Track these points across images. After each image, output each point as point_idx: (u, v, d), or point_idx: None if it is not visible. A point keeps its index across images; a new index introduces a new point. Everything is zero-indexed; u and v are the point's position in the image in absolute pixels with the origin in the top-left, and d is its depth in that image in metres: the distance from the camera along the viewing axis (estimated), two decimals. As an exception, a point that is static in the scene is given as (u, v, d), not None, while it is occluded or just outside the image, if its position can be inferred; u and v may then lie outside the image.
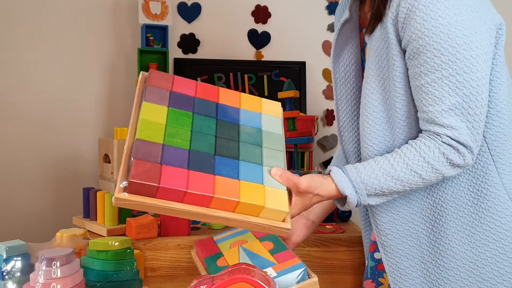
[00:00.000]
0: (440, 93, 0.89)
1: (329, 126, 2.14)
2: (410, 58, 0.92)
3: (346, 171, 0.95)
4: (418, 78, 0.91)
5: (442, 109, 0.89)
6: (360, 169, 0.95)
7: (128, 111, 1.98)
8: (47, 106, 1.93)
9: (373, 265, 1.19)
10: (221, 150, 0.90)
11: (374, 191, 0.94)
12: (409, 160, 0.93)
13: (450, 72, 0.87)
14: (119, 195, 0.78)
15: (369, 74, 1.02)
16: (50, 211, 1.94)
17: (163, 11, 1.90)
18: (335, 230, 1.42)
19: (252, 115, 1.00)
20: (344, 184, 0.94)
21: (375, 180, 0.94)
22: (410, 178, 0.93)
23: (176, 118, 0.91)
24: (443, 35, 0.87)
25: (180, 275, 1.31)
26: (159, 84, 0.95)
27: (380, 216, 1.03)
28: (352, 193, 0.94)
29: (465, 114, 0.89)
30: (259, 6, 2.08)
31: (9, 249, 0.95)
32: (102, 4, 1.97)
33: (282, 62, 2.07)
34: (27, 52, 1.91)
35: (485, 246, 0.94)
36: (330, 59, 1.15)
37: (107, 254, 0.97)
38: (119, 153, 1.54)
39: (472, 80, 0.88)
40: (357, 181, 0.94)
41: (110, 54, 1.99)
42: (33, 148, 1.92)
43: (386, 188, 0.94)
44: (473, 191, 0.95)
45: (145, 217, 1.36)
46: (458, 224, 0.96)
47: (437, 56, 0.88)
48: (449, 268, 0.96)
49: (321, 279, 1.35)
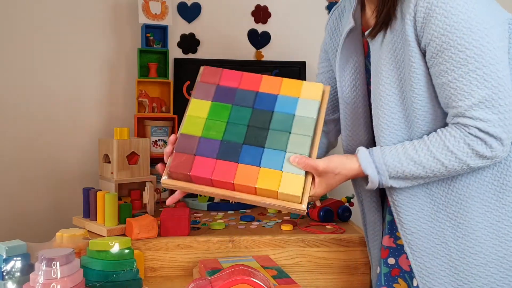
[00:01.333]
0: (468, 87, 0.90)
1: (329, 126, 2.14)
2: (434, 56, 0.93)
3: (372, 151, 1.00)
4: (444, 75, 0.92)
5: (473, 103, 0.90)
6: (385, 151, 0.99)
7: (128, 111, 1.98)
8: (47, 106, 1.93)
9: (387, 271, 1.17)
10: (249, 139, 1.01)
11: (396, 173, 0.98)
12: (433, 147, 0.95)
13: (476, 65, 0.89)
14: (164, 179, 1.01)
15: (383, 77, 1.02)
16: (50, 211, 1.94)
17: (163, 11, 1.90)
18: (335, 230, 1.42)
19: (289, 101, 1.06)
20: (367, 164, 0.99)
21: (398, 163, 0.97)
22: (433, 165, 0.95)
23: (216, 111, 1.04)
24: (466, 30, 0.88)
25: (180, 275, 1.31)
26: (209, 80, 1.09)
27: (405, 215, 1.04)
28: (373, 173, 0.99)
29: (496, 106, 0.89)
30: (259, 6, 2.08)
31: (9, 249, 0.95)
32: (102, 4, 1.97)
33: (282, 62, 2.07)
34: (27, 52, 1.91)
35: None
36: (336, 68, 1.16)
37: (107, 254, 0.97)
38: (119, 153, 1.54)
39: (498, 71, 0.89)
40: (380, 162, 0.98)
41: (110, 54, 1.99)
42: (33, 148, 1.92)
43: (408, 172, 0.97)
44: (497, 185, 0.96)
45: (145, 217, 1.36)
46: (484, 219, 0.96)
47: (462, 51, 0.89)
48: (478, 264, 0.96)
49: (321, 279, 1.36)
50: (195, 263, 1.32)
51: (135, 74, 1.97)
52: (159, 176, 1.82)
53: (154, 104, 1.88)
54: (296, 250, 1.35)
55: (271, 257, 1.31)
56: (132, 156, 1.58)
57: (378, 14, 1.01)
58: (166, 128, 1.89)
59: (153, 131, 1.86)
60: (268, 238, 1.35)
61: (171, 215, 1.36)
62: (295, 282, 1.07)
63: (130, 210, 1.41)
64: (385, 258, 1.16)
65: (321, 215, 1.51)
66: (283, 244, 1.35)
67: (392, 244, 1.16)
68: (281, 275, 1.12)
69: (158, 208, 1.64)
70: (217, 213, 1.66)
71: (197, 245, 1.33)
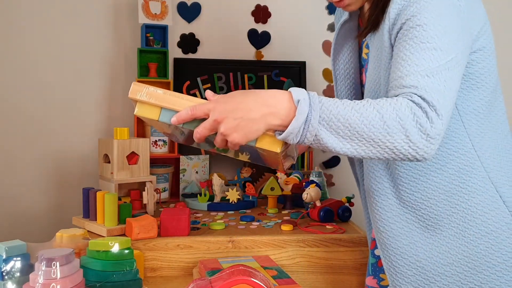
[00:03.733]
0: (419, 60, 0.87)
1: (329, 126, 2.14)
2: (399, 38, 0.92)
3: (308, 91, 0.88)
4: (401, 50, 0.90)
5: (416, 71, 0.86)
6: (323, 97, 0.88)
7: (128, 111, 1.98)
8: (47, 106, 1.93)
9: (374, 262, 1.22)
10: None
11: (328, 118, 0.84)
12: (377, 104, 0.85)
13: (434, 45, 0.88)
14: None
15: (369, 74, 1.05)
16: (50, 211, 1.94)
17: (163, 11, 1.90)
18: (335, 230, 1.42)
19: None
20: (299, 93, 0.86)
21: (334, 105, 0.85)
22: (371, 116, 0.83)
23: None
24: (436, 13, 0.89)
25: (180, 276, 1.31)
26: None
27: (375, 213, 1.06)
28: (305, 104, 0.84)
29: (441, 80, 0.86)
30: (259, 6, 2.08)
31: (9, 249, 0.95)
32: (102, 4, 1.97)
33: (282, 62, 2.07)
34: (27, 52, 1.91)
35: (478, 239, 0.96)
36: (331, 57, 1.20)
37: (107, 254, 0.97)
38: (119, 153, 1.54)
39: (454, 53, 0.88)
40: (315, 99, 0.85)
41: (110, 54, 1.99)
42: (33, 148, 1.92)
43: (343, 118, 0.83)
44: (464, 187, 0.97)
45: (145, 217, 1.36)
46: (452, 220, 0.98)
47: (426, 31, 0.88)
48: (445, 263, 0.98)
49: (321, 279, 1.35)
50: (195, 263, 1.32)
51: (135, 74, 1.97)
52: (159, 176, 1.82)
53: (154, 104, 1.88)
54: (296, 250, 1.35)
55: (271, 257, 1.31)
56: (132, 156, 1.58)
57: (369, 16, 1.03)
58: (166, 128, 1.89)
59: (153, 131, 1.86)
60: (268, 238, 1.35)
61: (171, 215, 1.36)
62: (295, 282, 1.07)
63: (130, 210, 1.41)
64: (373, 249, 1.22)
65: (321, 215, 1.51)
66: (283, 244, 1.35)
67: (376, 285, 1.21)
68: (281, 275, 1.12)
69: (158, 208, 1.64)
70: (217, 213, 1.66)
71: (197, 245, 1.33)
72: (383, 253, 1.07)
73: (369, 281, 1.23)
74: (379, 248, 1.08)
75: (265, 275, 1.01)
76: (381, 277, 1.21)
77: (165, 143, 1.88)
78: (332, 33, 2.12)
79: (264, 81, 2.05)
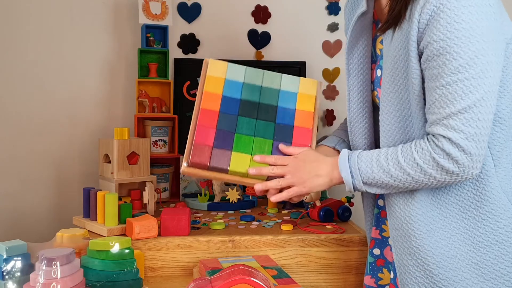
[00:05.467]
0: (453, 96, 0.90)
1: (329, 126, 2.14)
2: (429, 60, 0.93)
3: (351, 155, 1.04)
4: (434, 80, 0.92)
5: (451, 112, 0.90)
6: (362, 156, 1.02)
7: (128, 111, 1.98)
8: (47, 105, 1.93)
9: (372, 261, 1.22)
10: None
11: (368, 180, 1.02)
12: (402, 158, 0.97)
13: (466, 75, 0.89)
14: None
15: (386, 74, 1.04)
16: (50, 211, 1.94)
17: (163, 11, 1.90)
18: (335, 230, 1.42)
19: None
20: (343, 167, 1.04)
21: (369, 170, 1.01)
22: (400, 176, 0.98)
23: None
24: (465, 39, 0.88)
25: (180, 275, 1.32)
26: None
27: (390, 211, 1.07)
28: (347, 176, 1.04)
29: (474, 119, 0.90)
30: (259, 6, 2.08)
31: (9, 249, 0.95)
32: (102, 4, 1.97)
33: (282, 62, 2.07)
34: (26, 52, 1.91)
35: (487, 247, 0.96)
36: (345, 50, 1.17)
37: (107, 254, 0.97)
38: (119, 153, 1.54)
39: (485, 85, 0.89)
40: (355, 166, 1.02)
41: (110, 54, 1.99)
42: (33, 148, 1.92)
43: (379, 179, 1.01)
44: (476, 194, 0.97)
45: (145, 217, 1.36)
46: (462, 225, 0.98)
47: (456, 59, 0.89)
48: (453, 268, 0.97)
49: (321, 279, 1.36)
50: (195, 263, 1.32)
51: (135, 74, 1.97)
52: (160, 176, 1.82)
53: (154, 104, 1.88)
54: (296, 250, 1.35)
55: (271, 257, 1.31)
56: (132, 156, 1.59)
57: (390, 10, 1.01)
58: (166, 128, 1.89)
59: (153, 131, 1.86)
60: (268, 238, 1.35)
61: (172, 215, 1.36)
62: (295, 282, 1.07)
63: (130, 210, 1.41)
64: (372, 249, 1.22)
65: (321, 215, 1.51)
66: (283, 244, 1.35)
67: (378, 236, 1.21)
68: (281, 275, 1.12)
69: (158, 208, 1.65)
70: (217, 213, 1.66)
71: (197, 245, 1.33)
72: (395, 250, 1.07)
73: (367, 280, 1.24)
74: (393, 247, 1.08)
75: (265, 274, 1.01)
76: (379, 276, 1.21)
77: (165, 143, 1.88)
78: (332, 33, 2.12)
79: (264, 81, 2.05)
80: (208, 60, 1.24)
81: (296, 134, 1.18)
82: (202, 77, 1.21)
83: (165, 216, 1.36)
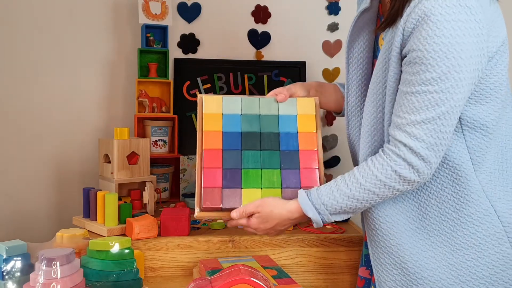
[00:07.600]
0: (420, 105, 0.92)
1: (329, 126, 2.14)
2: (406, 64, 0.94)
3: (310, 194, 1.06)
4: (406, 85, 0.94)
5: (416, 120, 0.93)
6: (321, 191, 1.04)
7: (128, 111, 1.98)
8: (47, 106, 1.93)
9: (367, 253, 1.21)
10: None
11: (335, 210, 1.03)
12: (362, 178, 0.99)
13: (436, 88, 0.91)
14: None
15: (374, 72, 1.05)
16: (50, 211, 1.94)
17: (163, 11, 1.90)
18: (335, 230, 1.42)
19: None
20: (307, 207, 1.05)
21: (334, 201, 1.02)
22: (365, 196, 1.00)
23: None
24: (441, 53, 0.89)
25: (180, 275, 1.32)
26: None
27: (367, 211, 1.08)
28: (314, 214, 1.04)
29: (436, 131, 0.92)
30: (259, 6, 2.08)
31: (9, 249, 0.95)
32: (102, 4, 1.97)
33: (282, 62, 2.07)
34: (27, 52, 1.91)
35: (465, 249, 0.97)
36: (345, 44, 1.17)
37: (107, 254, 0.97)
38: (119, 153, 1.54)
39: (452, 100, 0.91)
40: (318, 203, 1.04)
41: (110, 54, 1.99)
42: (33, 148, 1.92)
43: (345, 206, 1.02)
44: (456, 197, 0.98)
45: (145, 217, 1.36)
46: (441, 227, 0.99)
47: (430, 72, 0.90)
48: (429, 268, 0.99)
49: (321, 279, 1.36)
50: (195, 263, 1.32)
51: (135, 74, 1.97)
52: (159, 176, 1.82)
53: (154, 104, 1.88)
54: (296, 250, 1.35)
55: (271, 257, 1.31)
56: (132, 156, 1.59)
57: (389, 8, 1.01)
58: (166, 128, 1.89)
59: (153, 131, 1.86)
60: (268, 238, 1.35)
61: (171, 215, 1.36)
62: (295, 282, 1.07)
63: (130, 210, 1.41)
64: (366, 241, 1.21)
65: (321, 215, 1.51)
66: (283, 244, 1.35)
67: (368, 276, 1.23)
68: (281, 275, 1.12)
69: (158, 208, 1.65)
70: (217, 213, 1.66)
71: (197, 245, 1.33)
72: (371, 249, 1.09)
73: (361, 272, 1.25)
74: (369, 245, 1.10)
75: (265, 275, 1.01)
76: None
77: (165, 143, 1.88)
78: (332, 33, 2.12)
79: (264, 81, 2.05)
80: (202, 96, 1.22)
81: (302, 158, 1.18)
82: (200, 116, 1.20)
83: (165, 216, 1.36)
